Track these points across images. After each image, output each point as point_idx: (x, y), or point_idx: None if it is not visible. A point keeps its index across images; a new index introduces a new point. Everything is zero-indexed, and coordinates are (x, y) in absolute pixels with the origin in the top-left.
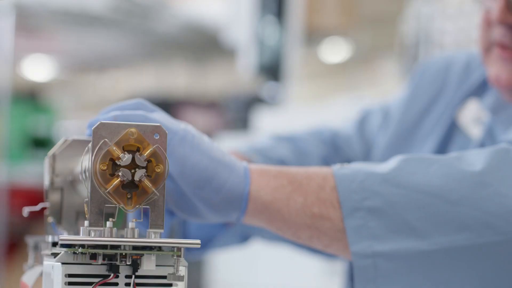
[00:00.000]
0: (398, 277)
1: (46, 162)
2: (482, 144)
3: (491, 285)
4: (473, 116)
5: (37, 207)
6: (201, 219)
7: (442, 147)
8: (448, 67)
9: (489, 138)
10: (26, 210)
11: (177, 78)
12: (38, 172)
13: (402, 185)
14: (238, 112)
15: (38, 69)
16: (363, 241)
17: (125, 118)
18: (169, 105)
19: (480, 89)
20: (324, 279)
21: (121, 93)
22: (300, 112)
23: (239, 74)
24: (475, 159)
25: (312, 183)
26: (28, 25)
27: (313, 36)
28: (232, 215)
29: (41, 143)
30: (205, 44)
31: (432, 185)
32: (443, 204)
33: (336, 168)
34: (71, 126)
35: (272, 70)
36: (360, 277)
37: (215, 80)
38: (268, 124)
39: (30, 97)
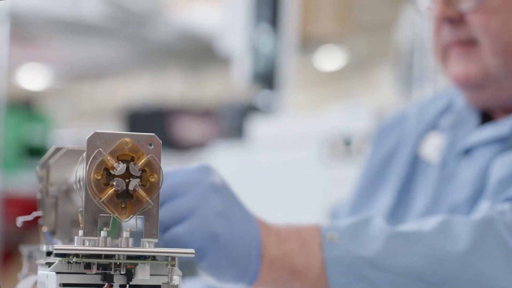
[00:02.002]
0: None
1: (37, 171)
2: (443, 160)
3: None
4: (434, 145)
5: (31, 217)
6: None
7: (408, 180)
8: (402, 116)
9: (449, 152)
10: (20, 220)
11: (173, 86)
12: (33, 181)
13: (387, 268)
14: (233, 121)
15: (33, 78)
16: None
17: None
18: (164, 113)
19: (436, 121)
20: None
21: (117, 102)
22: (296, 120)
23: (234, 82)
24: (459, 234)
25: (310, 274)
26: (23, 33)
27: (308, 44)
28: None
29: (36, 152)
30: (200, 53)
31: (415, 267)
32: (425, 286)
33: (327, 242)
34: (67, 134)
35: (267, 78)
36: None
37: (210, 88)
38: (263, 132)
39: (25, 106)
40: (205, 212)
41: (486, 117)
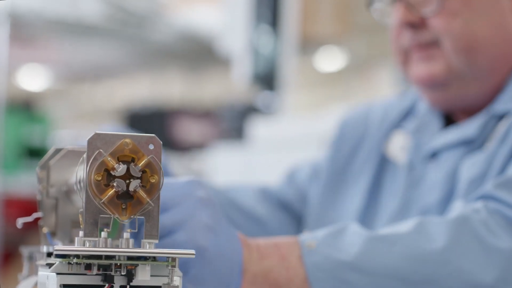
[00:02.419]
0: None
1: (37, 172)
2: (410, 164)
3: None
4: (399, 145)
5: (31, 218)
6: None
7: (376, 181)
8: (367, 112)
9: (415, 155)
10: (20, 222)
11: (172, 87)
12: (33, 182)
13: (367, 271)
14: (233, 122)
15: (33, 79)
16: None
17: None
18: (164, 114)
19: (402, 121)
20: None
21: (116, 102)
22: (296, 121)
23: (234, 83)
24: (436, 233)
25: (292, 285)
26: (23, 34)
27: (308, 45)
28: None
29: (36, 153)
30: (200, 54)
31: (395, 268)
32: (407, 286)
33: (306, 250)
34: (66, 135)
35: (267, 79)
36: None
37: (210, 89)
38: (263, 133)
39: (24, 107)
40: (192, 226)
41: (449, 120)
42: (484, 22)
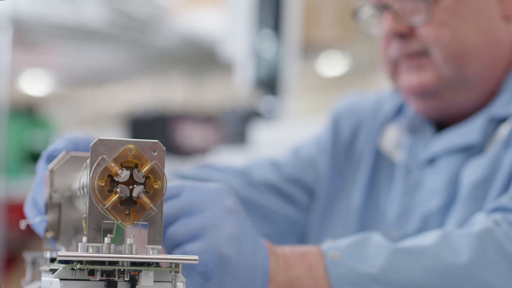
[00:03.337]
0: None
1: (46, 176)
2: (407, 167)
3: None
4: (394, 142)
5: (35, 220)
6: None
7: (373, 177)
8: (357, 103)
9: (411, 159)
10: (23, 223)
11: (174, 92)
12: None
13: (392, 284)
14: (235, 126)
15: (35, 84)
16: None
17: None
18: (167, 119)
19: (395, 116)
20: None
21: (119, 108)
22: (298, 125)
23: (236, 88)
24: (461, 246)
25: None
26: (25, 39)
27: (310, 50)
28: None
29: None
30: (202, 58)
31: (420, 281)
32: None
33: (329, 261)
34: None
35: (269, 84)
36: None
37: (212, 94)
38: (266, 138)
39: (27, 112)
40: (217, 233)
41: (439, 124)
42: (473, 30)
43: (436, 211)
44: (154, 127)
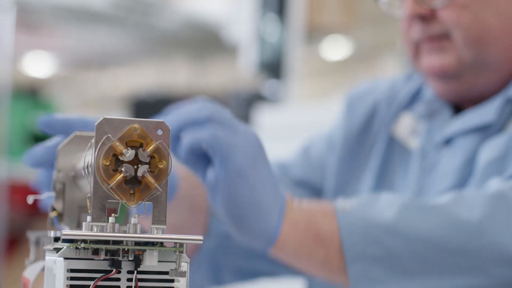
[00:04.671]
0: None
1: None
2: (423, 150)
3: None
4: (408, 129)
5: (42, 196)
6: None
7: (386, 163)
8: (373, 90)
9: (428, 142)
10: (31, 198)
11: (178, 75)
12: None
13: (403, 234)
14: (239, 110)
15: (38, 66)
16: (364, 285)
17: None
18: (170, 102)
19: (410, 103)
20: None
21: (122, 90)
22: (302, 109)
23: (240, 72)
24: (473, 205)
25: (334, 240)
26: (28, 21)
27: (314, 34)
28: (257, 247)
29: (41, 140)
30: (206, 41)
31: (431, 235)
32: (440, 252)
33: (340, 211)
34: None
35: (273, 67)
36: None
37: (216, 78)
38: (270, 121)
39: (30, 94)
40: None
41: (456, 107)
42: (494, 13)
43: (451, 190)
44: (157, 110)
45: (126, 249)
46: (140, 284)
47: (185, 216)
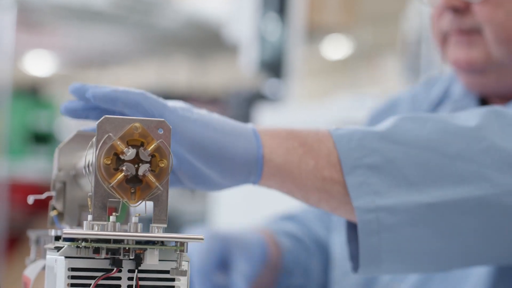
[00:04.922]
0: (401, 229)
1: (55, 154)
2: None
3: (492, 235)
4: None
5: (43, 196)
6: (215, 188)
7: None
8: (394, 104)
9: None
10: (31, 198)
11: (179, 74)
12: (38, 167)
13: (399, 141)
14: (239, 109)
15: (39, 64)
16: (365, 197)
17: (125, 96)
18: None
19: (433, 111)
20: None
21: None
22: (302, 108)
23: (241, 71)
24: (469, 117)
25: (322, 146)
26: (29, 20)
27: (315, 33)
28: (248, 180)
29: (41, 138)
30: (207, 40)
31: (429, 140)
32: (440, 158)
33: (333, 129)
34: (72, 121)
35: (274, 66)
36: (364, 230)
37: (217, 76)
38: (270, 120)
39: (31, 92)
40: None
41: (484, 104)
42: None
43: None
44: None
45: (127, 248)
46: (141, 283)
47: (263, 275)
